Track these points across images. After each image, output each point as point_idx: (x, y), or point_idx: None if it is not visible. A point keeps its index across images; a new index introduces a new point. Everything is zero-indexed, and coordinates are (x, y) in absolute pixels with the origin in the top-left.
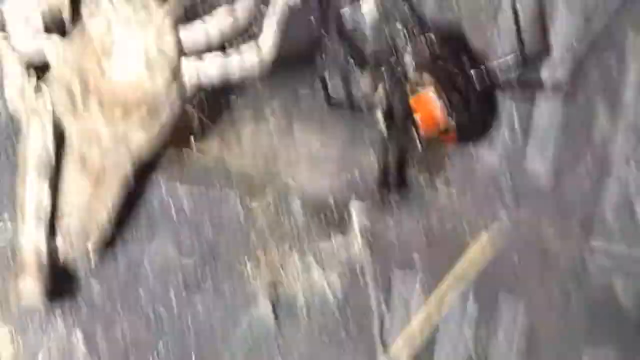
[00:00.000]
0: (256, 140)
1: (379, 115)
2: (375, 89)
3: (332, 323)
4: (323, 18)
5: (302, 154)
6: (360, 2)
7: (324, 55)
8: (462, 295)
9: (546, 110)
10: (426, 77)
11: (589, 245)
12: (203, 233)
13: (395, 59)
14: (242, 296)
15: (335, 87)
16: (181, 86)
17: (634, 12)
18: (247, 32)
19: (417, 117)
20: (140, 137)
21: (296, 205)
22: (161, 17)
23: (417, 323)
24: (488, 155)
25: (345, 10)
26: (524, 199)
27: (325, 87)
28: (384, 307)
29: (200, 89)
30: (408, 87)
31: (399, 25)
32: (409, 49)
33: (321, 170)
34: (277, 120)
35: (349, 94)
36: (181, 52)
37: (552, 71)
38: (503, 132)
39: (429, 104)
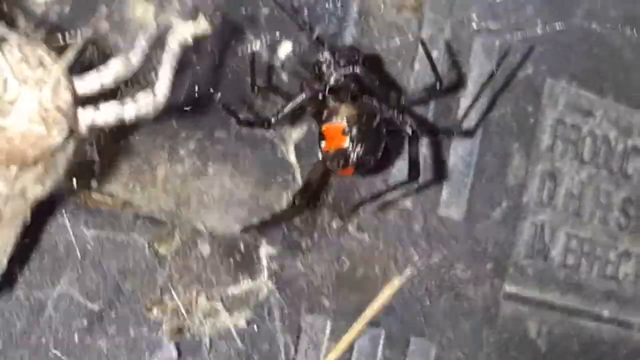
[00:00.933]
0: (170, 181)
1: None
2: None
3: None
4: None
5: (215, 197)
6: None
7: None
8: (373, 339)
9: (461, 156)
10: (342, 107)
11: (503, 290)
12: (109, 278)
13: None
14: (147, 341)
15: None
16: (78, 135)
17: (552, 59)
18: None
19: (323, 144)
20: (37, 191)
21: (205, 249)
22: (57, 74)
23: None
24: (402, 200)
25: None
26: (437, 243)
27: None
28: (292, 351)
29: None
30: (324, 113)
31: (326, 54)
32: (333, 75)
33: (232, 213)
34: (192, 161)
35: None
36: (77, 102)
37: (466, 115)
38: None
39: (338, 136)
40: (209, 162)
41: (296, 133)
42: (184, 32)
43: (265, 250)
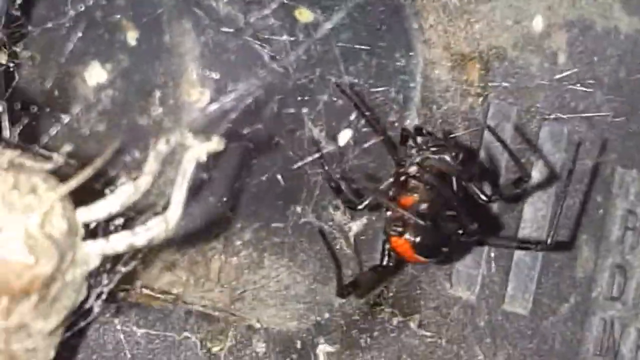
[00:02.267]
0: (224, 274)
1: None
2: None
3: None
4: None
5: (271, 291)
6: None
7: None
8: None
9: (527, 251)
10: (421, 186)
11: None
12: None
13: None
14: None
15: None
16: (81, 267)
17: (622, 147)
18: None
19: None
20: (40, 325)
21: (260, 347)
22: (49, 201)
23: None
24: (465, 295)
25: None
26: (502, 340)
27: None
28: None
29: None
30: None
31: (420, 139)
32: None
33: (289, 309)
34: (248, 252)
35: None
36: (82, 232)
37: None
38: (482, 272)
39: (407, 205)
40: (265, 254)
41: (356, 226)
42: (199, 150)
43: (323, 348)
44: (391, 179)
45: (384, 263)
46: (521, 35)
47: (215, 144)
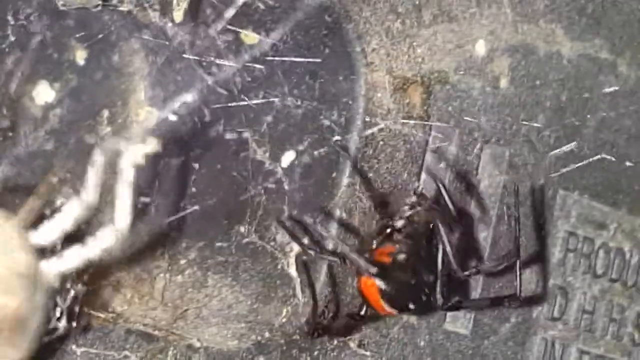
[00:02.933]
0: (169, 292)
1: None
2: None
3: None
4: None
5: (213, 310)
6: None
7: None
8: None
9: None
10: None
11: None
12: None
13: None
14: None
15: None
16: (44, 291)
17: (566, 172)
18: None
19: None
20: (11, 354)
21: None
22: (8, 236)
23: None
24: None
25: None
26: None
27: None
28: None
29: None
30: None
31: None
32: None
33: (230, 329)
34: (192, 271)
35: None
36: (38, 256)
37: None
38: None
39: (383, 256)
40: (209, 273)
41: (297, 246)
42: (134, 154)
43: None
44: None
45: (362, 312)
46: (463, 59)
47: (150, 145)
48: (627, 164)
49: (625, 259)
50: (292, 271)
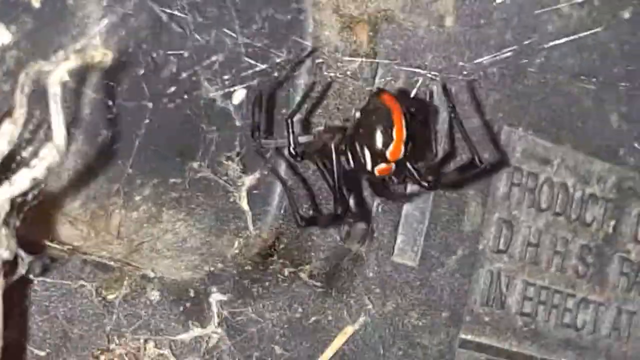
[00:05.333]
0: (124, 227)
1: None
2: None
3: None
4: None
5: (168, 243)
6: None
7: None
8: None
9: (416, 202)
10: None
11: (459, 339)
12: (56, 324)
13: None
14: None
15: None
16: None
17: (508, 106)
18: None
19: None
20: None
21: (154, 296)
22: None
23: None
24: (355, 248)
25: None
26: (391, 291)
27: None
28: None
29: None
30: None
31: None
32: None
33: (184, 261)
34: (147, 207)
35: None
36: None
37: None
38: (372, 225)
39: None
40: (164, 209)
41: (249, 180)
42: (58, 72)
43: (215, 297)
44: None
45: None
46: None
47: (73, 61)
48: (570, 101)
49: (569, 194)
50: (244, 204)
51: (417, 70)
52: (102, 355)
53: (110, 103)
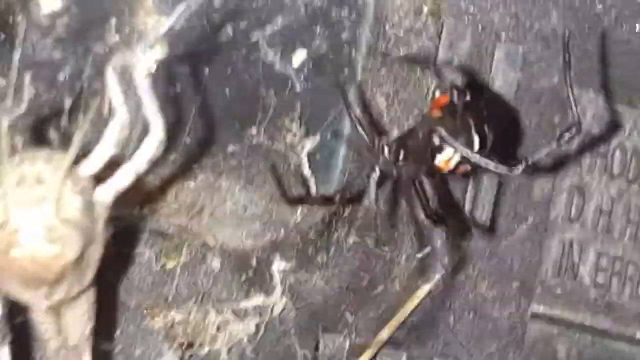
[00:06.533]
0: (182, 197)
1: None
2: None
3: None
4: None
5: (227, 211)
6: None
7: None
8: (395, 359)
9: (485, 169)
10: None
11: (530, 310)
12: (116, 292)
13: None
14: (155, 357)
15: None
16: (102, 220)
17: (579, 68)
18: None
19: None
20: (79, 287)
21: (215, 264)
22: (56, 186)
23: None
24: (423, 215)
25: None
26: (461, 261)
27: None
28: None
29: None
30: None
31: None
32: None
33: (245, 229)
34: (205, 176)
35: None
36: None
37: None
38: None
39: None
40: (222, 177)
41: (309, 144)
42: (144, 63)
43: (278, 266)
44: None
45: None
46: None
47: (159, 51)
48: None
49: None
50: (305, 170)
51: (484, 29)
52: (163, 323)
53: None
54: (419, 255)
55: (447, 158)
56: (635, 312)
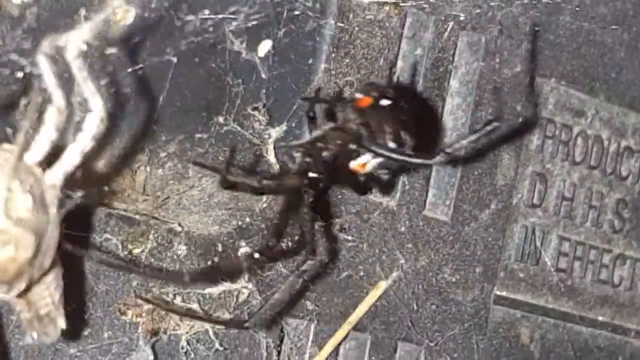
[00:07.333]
0: (149, 184)
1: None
2: None
3: None
4: None
5: (194, 199)
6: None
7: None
8: (359, 344)
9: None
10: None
11: (493, 294)
12: (81, 280)
13: None
14: (122, 343)
15: None
16: (55, 206)
17: (541, 57)
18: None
19: None
20: (40, 272)
21: (181, 250)
22: (6, 186)
23: None
24: (385, 202)
25: None
26: (423, 246)
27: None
28: (274, 356)
29: None
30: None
31: None
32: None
33: (211, 216)
34: (173, 164)
35: None
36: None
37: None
38: (402, 179)
39: None
40: (190, 165)
41: (275, 132)
42: (73, 45)
43: (244, 251)
44: None
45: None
46: None
47: (85, 30)
48: (604, 51)
49: (604, 147)
50: (271, 157)
51: (446, 19)
52: (129, 311)
53: (134, 59)
54: None
55: (363, 162)
56: (597, 295)
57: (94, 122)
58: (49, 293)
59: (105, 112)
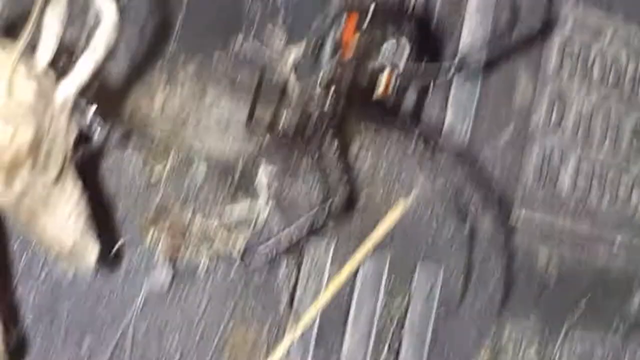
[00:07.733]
0: (168, 105)
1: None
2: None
3: (236, 289)
4: None
5: (213, 118)
6: None
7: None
8: (378, 263)
9: (466, 79)
10: None
11: (511, 216)
12: (103, 196)
13: None
14: (142, 260)
15: None
16: (63, 112)
17: None
18: None
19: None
20: (44, 179)
21: (202, 168)
22: (10, 66)
23: (329, 292)
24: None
25: None
26: (443, 166)
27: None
28: (294, 275)
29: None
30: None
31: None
32: None
33: (231, 134)
34: (191, 84)
35: None
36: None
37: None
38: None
39: None
40: (208, 85)
41: (295, 52)
42: None
43: (264, 168)
44: None
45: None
46: None
47: None
48: None
49: (622, 68)
50: (292, 77)
51: None
52: (149, 230)
53: None
54: None
55: (386, 83)
56: (615, 216)
57: (107, 28)
58: (72, 219)
59: (118, 20)
